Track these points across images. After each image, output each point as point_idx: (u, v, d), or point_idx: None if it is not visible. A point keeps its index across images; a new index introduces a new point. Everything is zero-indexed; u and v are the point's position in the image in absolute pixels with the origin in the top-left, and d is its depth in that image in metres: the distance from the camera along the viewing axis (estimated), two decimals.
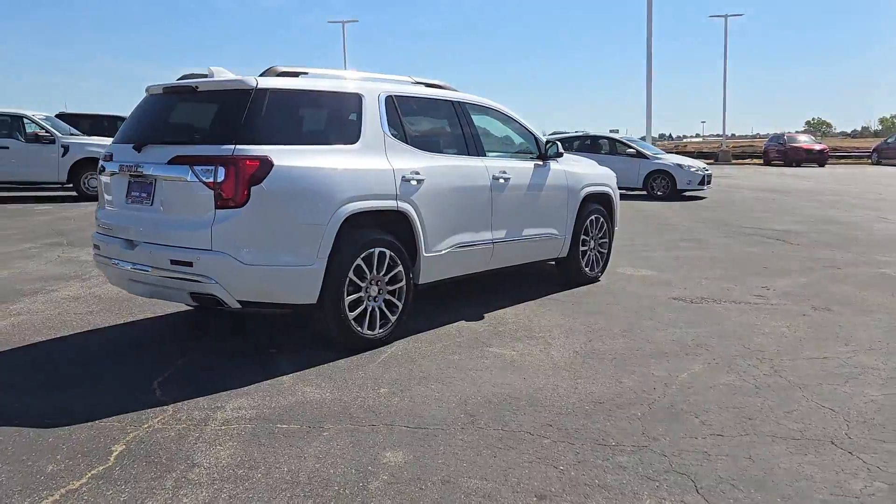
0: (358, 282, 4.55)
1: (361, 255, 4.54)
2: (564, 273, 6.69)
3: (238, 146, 4.09)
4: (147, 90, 4.78)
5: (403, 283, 4.83)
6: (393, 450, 3.22)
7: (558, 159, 6.35)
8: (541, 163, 6.15)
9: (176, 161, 4.16)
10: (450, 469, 3.03)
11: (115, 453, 3.15)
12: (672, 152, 24.14)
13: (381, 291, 4.73)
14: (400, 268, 4.79)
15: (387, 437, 3.36)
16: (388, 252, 4.70)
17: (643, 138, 31.95)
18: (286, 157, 4.22)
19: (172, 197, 4.24)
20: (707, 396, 3.90)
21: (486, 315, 5.56)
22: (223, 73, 4.55)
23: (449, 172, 5.18)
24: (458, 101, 5.59)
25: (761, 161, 37.59)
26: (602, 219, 6.83)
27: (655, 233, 10.74)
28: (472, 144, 5.54)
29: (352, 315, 4.53)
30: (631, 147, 18.05)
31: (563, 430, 3.45)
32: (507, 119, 6.17)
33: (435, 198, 5.02)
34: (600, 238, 6.89)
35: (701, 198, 17.01)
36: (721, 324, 5.38)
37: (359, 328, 4.58)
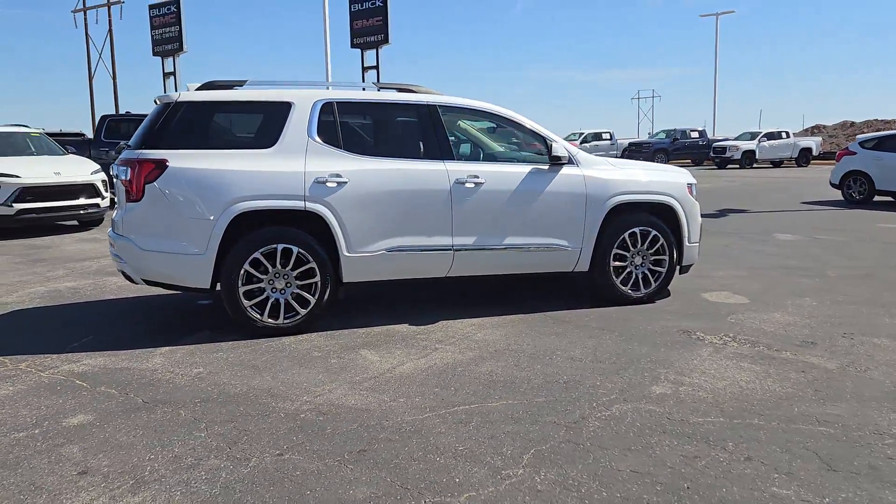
0: (256, 273, 4.99)
1: (260, 250, 4.97)
2: (591, 289, 6.04)
3: (143, 150, 4.92)
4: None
5: (317, 279, 5.11)
6: (80, 413, 3.71)
7: (580, 164, 5.79)
8: (544, 167, 5.70)
9: (119, 163, 5.14)
10: (127, 436, 3.43)
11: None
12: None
13: (289, 285, 5.09)
14: (313, 264, 5.09)
15: (124, 405, 3.86)
16: (294, 248, 5.04)
17: None
18: (184, 160, 4.89)
19: (119, 193, 5.24)
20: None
21: (429, 323, 5.45)
22: (192, 88, 5.37)
23: (385, 176, 5.25)
24: (428, 105, 5.55)
25: None
26: (656, 233, 5.96)
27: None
28: (433, 147, 5.47)
29: (248, 303, 5.00)
30: None
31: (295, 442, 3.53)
32: (507, 122, 5.86)
33: (361, 200, 5.16)
34: (653, 255, 6.01)
35: None
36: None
37: (258, 316, 5.02)
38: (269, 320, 5.06)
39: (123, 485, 2.94)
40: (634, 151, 34.63)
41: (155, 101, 5.32)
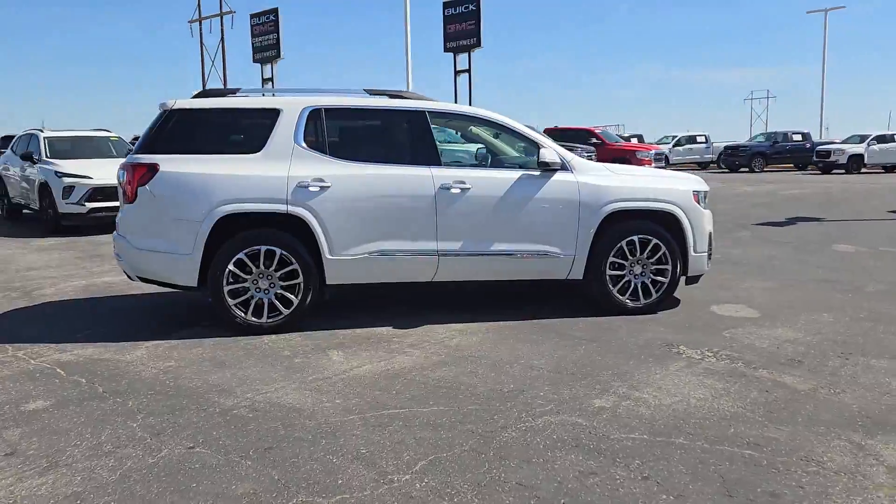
0: (241, 274, 5.21)
1: (244, 251, 5.18)
2: (589, 298, 5.92)
3: (138, 155, 5.23)
4: None
5: (300, 280, 5.28)
6: (38, 401, 4.00)
7: (574, 170, 5.70)
8: (535, 173, 5.64)
9: (121, 167, 5.49)
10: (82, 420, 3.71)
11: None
12: None
13: (272, 285, 5.28)
14: (296, 266, 5.26)
15: (88, 392, 4.14)
16: (277, 250, 5.22)
17: None
18: (175, 164, 5.17)
19: (120, 195, 5.57)
20: None
21: (414, 327, 5.49)
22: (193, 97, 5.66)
23: (369, 181, 5.35)
24: (416, 111, 5.60)
25: None
26: (657, 241, 5.77)
27: None
28: (420, 153, 5.52)
29: (233, 302, 5.22)
30: None
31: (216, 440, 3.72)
32: (498, 128, 5.85)
33: (344, 204, 5.28)
34: (654, 265, 5.82)
35: None
36: None
37: (242, 314, 5.23)
38: (253, 319, 5.26)
39: (36, 468, 3.16)
40: (731, 155, 33.25)
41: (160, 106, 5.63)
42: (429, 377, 4.34)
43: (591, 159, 20.07)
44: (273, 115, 5.38)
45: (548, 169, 5.63)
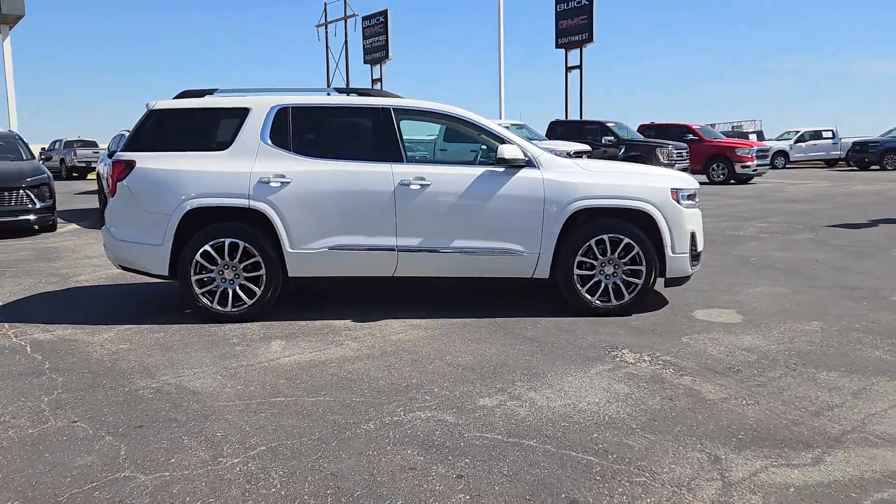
0: (207, 264, 5.52)
1: (210, 243, 5.49)
2: (562, 297, 5.79)
3: (121, 152, 5.65)
4: None
5: (262, 272, 5.53)
6: None
7: (541, 166, 5.60)
8: (499, 169, 5.59)
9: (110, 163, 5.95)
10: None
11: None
12: None
13: (237, 276, 5.56)
14: (258, 258, 5.51)
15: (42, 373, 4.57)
16: (241, 243, 5.49)
17: None
18: (150, 161, 5.55)
19: (107, 190, 6.03)
20: None
21: (373, 321, 5.60)
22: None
23: (328, 177, 5.50)
24: (381, 108, 5.69)
25: None
26: (630, 241, 5.57)
27: None
28: (382, 149, 5.61)
29: (200, 291, 5.54)
30: None
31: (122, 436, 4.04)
32: (462, 123, 5.82)
33: (303, 199, 5.47)
34: (627, 265, 5.62)
35: None
36: None
37: (208, 302, 5.55)
38: (218, 307, 5.55)
39: None
40: (858, 152, 30.77)
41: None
42: (343, 369, 4.44)
43: (682, 156, 19.43)
44: (243, 114, 5.65)
45: (511, 165, 5.56)
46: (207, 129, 5.75)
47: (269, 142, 5.58)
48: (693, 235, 5.72)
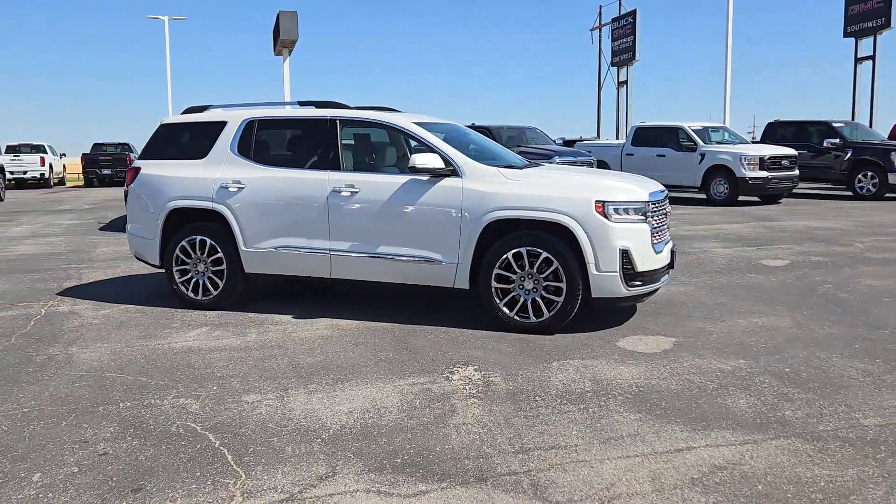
0: (184, 258, 6.39)
1: (185, 239, 6.36)
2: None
3: (137, 161, 6.76)
4: None
5: (224, 266, 6.26)
6: None
7: (464, 176, 5.56)
8: (423, 178, 5.65)
9: None
10: None
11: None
12: None
13: (206, 269, 6.35)
14: (220, 254, 6.26)
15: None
16: (207, 240, 6.28)
17: None
18: (151, 168, 6.56)
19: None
20: None
21: (307, 318, 6.00)
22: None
23: (274, 183, 6.03)
24: (328, 119, 6.05)
25: None
26: (548, 255, 5.31)
27: None
28: (323, 158, 5.98)
29: (179, 280, 6.43)
30: None
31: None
32: (399, 133, 5.96)
33: (253, 203, 6.08)
34: (548, 281, 5.35)
35: None
36: None
37: (184, 290, 6.42)
38: (192, 295, 6.39)
39: None
40: None
41: None
42: (210, 356, 4.94)
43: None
44: (220, 127, 6.41)
45: (432, 174, 5.60)
46: (194, 140, 6.60)
47: (236, 151, 6.27)
48: (625, 253, 5.23)
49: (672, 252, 5.80)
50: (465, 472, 3.15)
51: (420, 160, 5.52)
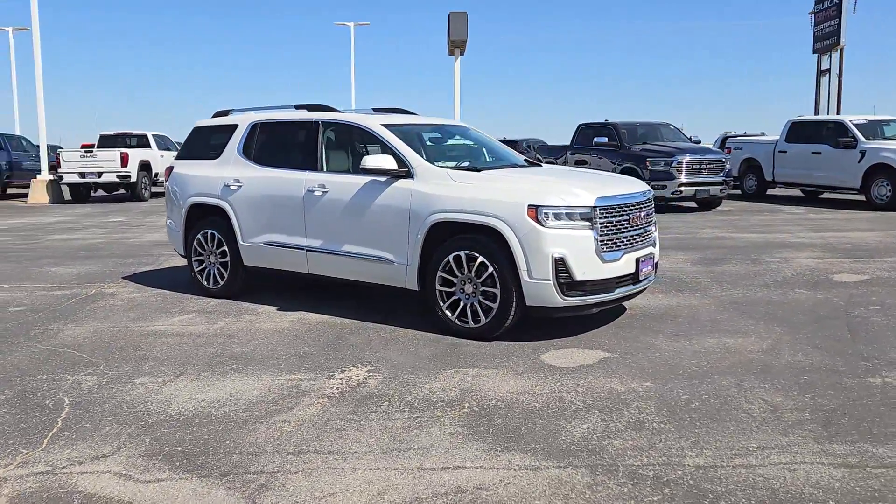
0: (199, 250, 7.03)
1: (200, 232, 6.99)
2: None
3: (174, 160, 7.51)
4: None
5: (229, 259, 6.81)
6: None
7: (416, 177, 5.59)
8: (381, 179, 5.75)
9: None
10: None
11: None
12: None
13: (216, 261, 6.94)
14: (225, 247, 6.81)
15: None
16: (216, 234, 6.85)
17: None
18: (181, 167, 7.27)
19: None
20: None
21: (284, 311, 6.33)
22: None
23: (264, 182, 6.43)
24: (312, 121, 6.32)
25: None
26: (483, 259, 5.21)
27: None
28: (308, 159, 6.24)
29: (197, 269, 7.08)
30: None
31: None
32: (366, 136, 6.08)
33: (248, 200, 6.53)
34: (485, 285, 5.24)
35: None
36: None
37: (199, 279, 7.05)
38: (205, 283, 7.00)
39: None
40: None
41: None
42: (165, 340, 5.43)
43: None
44: (232, 129, 6.93)
45: (390, 175, 5.67)
46: (214, 142, 7.18)
47: (241, 152, 6.76)
48: (560, 261, 4.98)
49: (641, 260, 5.39)
50: (220, 466, 3.28)
51: (370, 161, 5.63)
